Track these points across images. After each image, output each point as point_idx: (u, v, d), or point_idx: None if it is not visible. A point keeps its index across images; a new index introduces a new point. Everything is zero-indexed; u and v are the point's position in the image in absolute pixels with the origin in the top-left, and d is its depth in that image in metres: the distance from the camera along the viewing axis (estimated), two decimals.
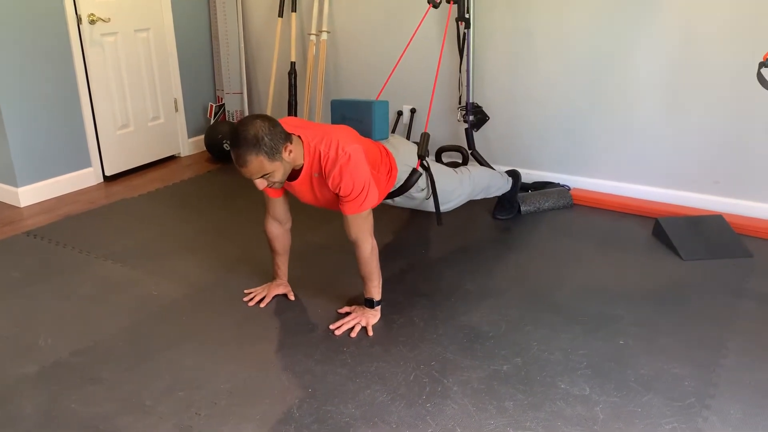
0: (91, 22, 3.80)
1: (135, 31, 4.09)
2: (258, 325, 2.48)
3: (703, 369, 2.16)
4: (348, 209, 2.29)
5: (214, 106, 4.64)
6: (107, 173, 4.11)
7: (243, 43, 4.58)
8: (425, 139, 2.77)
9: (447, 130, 3.93)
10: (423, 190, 2.79)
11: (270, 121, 2.13)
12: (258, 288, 2.68)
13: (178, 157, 4.60)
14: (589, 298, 2.61)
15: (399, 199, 2.77)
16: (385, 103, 2.71)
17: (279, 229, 2.56)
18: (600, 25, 3.34)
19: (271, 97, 4.43)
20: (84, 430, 1.92)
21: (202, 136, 4.57)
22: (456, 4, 3.39)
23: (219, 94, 4.74)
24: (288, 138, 2.17)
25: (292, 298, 2.64)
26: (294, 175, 2.30)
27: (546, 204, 3.50)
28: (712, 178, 3.30)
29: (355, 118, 2.65)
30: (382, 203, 2.44)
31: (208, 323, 2.48)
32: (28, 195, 3.72)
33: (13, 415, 1.99)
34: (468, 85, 3.62)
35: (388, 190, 2.65)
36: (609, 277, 2.80)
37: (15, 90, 3.55)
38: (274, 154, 2.10)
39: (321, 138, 2.25)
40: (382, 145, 2.63)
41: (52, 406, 2.02)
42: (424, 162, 2.74)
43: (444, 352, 2.27)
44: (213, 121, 4.62)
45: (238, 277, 2.82)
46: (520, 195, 3.46)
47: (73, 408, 2.01)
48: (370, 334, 2.38)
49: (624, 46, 3.31)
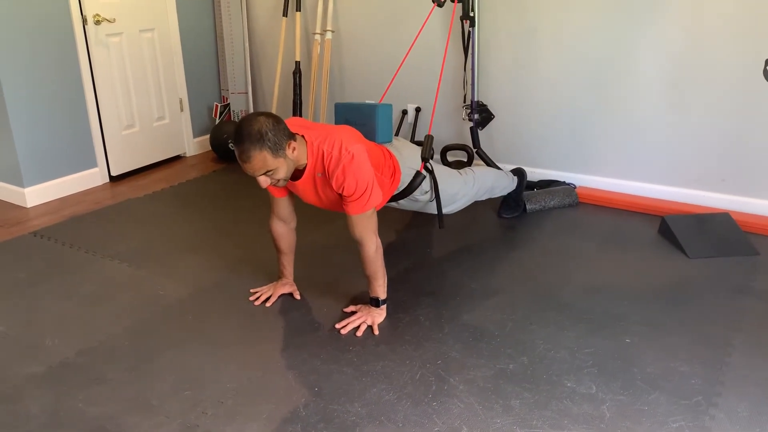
0: (97, 23, 3.81)
1: (140, 31, 4.09)
2: (264, 324, 2.48)
3: (709, 367, 2.15)
4: (352, 209, 2.28)
5: (219, 105, 4.64)
6: (113, 173, 4.12)
7: (248, 42, 4.58)
8: (429, 141, 2.77)
9: (452, 129, 3.93)
10: (426, 193, 2.78)
11: (274, 117, 2.13)
12: (264, 287, 2.68)
13: (184, 157, 4.61)
14: (594, 297, 2.61)
15: (403, 201, 2.77)
16: (388, 107, 2.70)
17: (284, 229, 2.56)
18: (604, 24, 3.33)
19: (276, 97, 4.43)
20: (90, 430, 1.92)
21: (208, 136, 4.58)
22: (460, 3, 3.39)
23: (224, 93, 4.75)
24: (292, 136, 2.17)
25: (298, 297, 2.64)
26: (297, 174, 2.30)
27: (551, 202, 3.49)
28: (719, 175, 3.29)
29: (359, 122, 2.64)
30: (385, 206, 2.43)
31: (214, 323, 2.49)
32: (34, 195, 3.73)
33: (20, 414, 1.99)
34: (473, 84, 3.61)
35: (391, 192, 2.65)
36: (615, 275, 2.79)
37: (21, 91, 3.56)
38: (277, 150, 2.11)
39: (324, 138, 2.25)
40: (386, 148, 2.62)
41: (58, 406, 2.03)
42: (428, 165, 2.74)
43: (450, 350, 2.27)
44: (218, 121, 4.63)
45: (243, 277, 2.82)
46: (526, 193, 3.45)
47: (79, 408, 2.02)
48: (376, 333, 2.38)
49: (628, 43, 3.30)
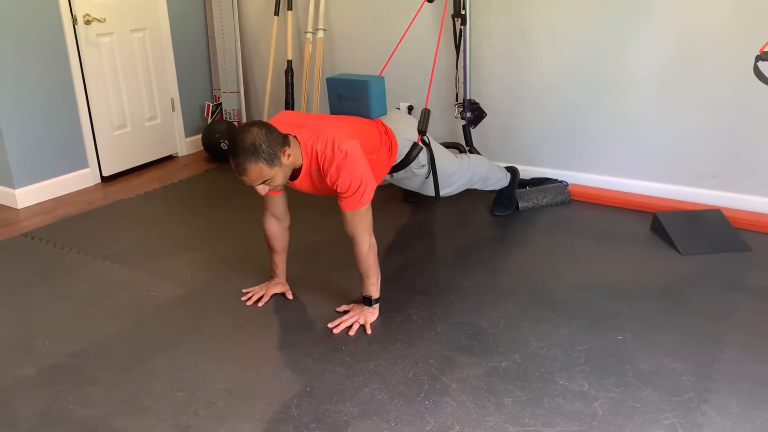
0: (87, 23, 3.80)
1: (131, 31, 4.08)
2: (256, 324, 2.48)
3: (701, 363, 2.16)
4: (345, 205, 2.29)
5: (211, 105, 4.63)
6: (105, 174, 4.10)
7: (239, 41, 4.57)
8: (426, 114, 2.77)
9: (444, 127, 3.92)
10: (423, 166, 2.79)
11: (266, 127, 2.13)
12: (256, 287, 2.67)
13: (176, 156, 4.59)
14: (587, 294, 2.61)
15: (400, 174, 2.77)
16: (380, 80, 2.66)
17: (278, 227, 2.56)
18: (596, 21, 3.33)
19: (268, 96, 4.42)
20: (82, 431, 1.92)
21: (200, 136, 4.57)
22: None
23: (216, 93, 4.73)
24: (285, 141, 2.17)
25: (290, 297, 2.64)
26: (294, 174, 2.31)
27: (544, 200, 3.50)
28: (710, 172, 3.30)
29: (352, 97, 2.63)
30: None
31: (206, 323, 2.48)
32: (26, 196, 3.71)
33: (11, 416, 1.98)
34: (465, 82, 3.61)
35: (389, 166, 2.66)
36: (607, 272, 2.79)
37: (11, 91, 3.54)
38: (272, 160, 2.11)
39: (317, 137, 2.25)
40: (381, 122, 2.62)
41: (50, 408, 2.02)
42: (425, 138, 2.75)
43: (442, 349, 2.27)
44: (210, 121, 4.61)
45: (235, 277, 2.81)
46: (518, 191, 3.46)
47: (71, 409, 2.01)
48: (369, 332, 2.37)
49: (621, 40, 3.30)
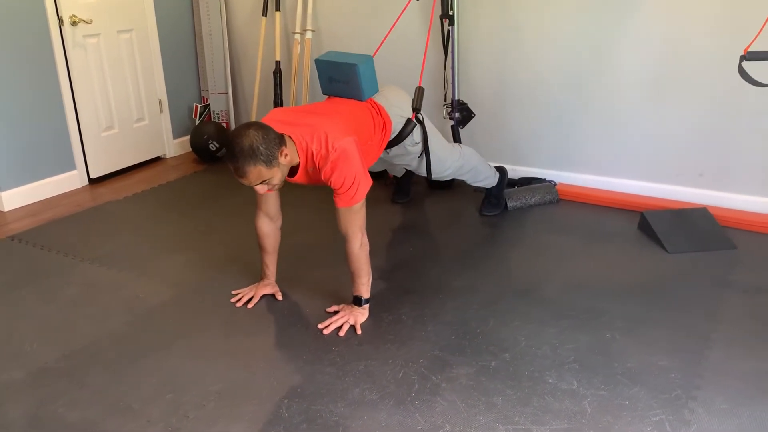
0: (73, 24, 3.77)
1: (118, 32, 4.06)
2: (246, 325, 2.47)
3: (689, 361, 2.18)
4: (339, 202, 2.31)
5: (200, 106, 4.62)
6: (92, 176, 4.08)
7: (227, 42, 4.56)
8: (420, 92, 2.78)
9: None
10: (417, 143, 2.82)
11: (263, 128, 2.13)
12: (245, 288, 2.67)
13: (164, 158, 4.58)
14: (576, 293, 2.63)
15: (394, 151, 2.79)
16: (369, 61, 2.63)
17: (270, 226, 2.55)
18: (584, 21, 3.36)
19: (257, 97, 4.41)
20: None
21: (188, 137, 4.55)
22: None
23: (204, 94, 4.72)
24: (282, 141, 2.18)
25: (280, 298, 2.63)
26: (292, 171, 2.32)
27: (532, 199, 3.52)
28: (696, 171, 3.32)
29: (342, 80, 2.63)
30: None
31: (196, 325, 2.47)
32: (12, 199, 3.68)
33: (0, 421, 1.97)
34: (453, 83, 3.62)
35: (383, 146, 2.69)
36: (596, 271, 2.81)
37: None
38: (271, 161, 2.12)
39: (311, 135, 2.26)
40: (373, 102, 2.64)
41: (38, 412, 2.01)
42: (419, 116, 2.76)
43: (432, 349, 2.28)
44: (198, 122, 4.60)
45: (225, 278, 2.81)
46: (507, 191, 3.47)
47: (60, 413, 2.00)
48: (359, 332, 2.38)
49: (608, 41, 3.33)
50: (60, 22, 3.73)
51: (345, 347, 2.30)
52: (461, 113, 3.65)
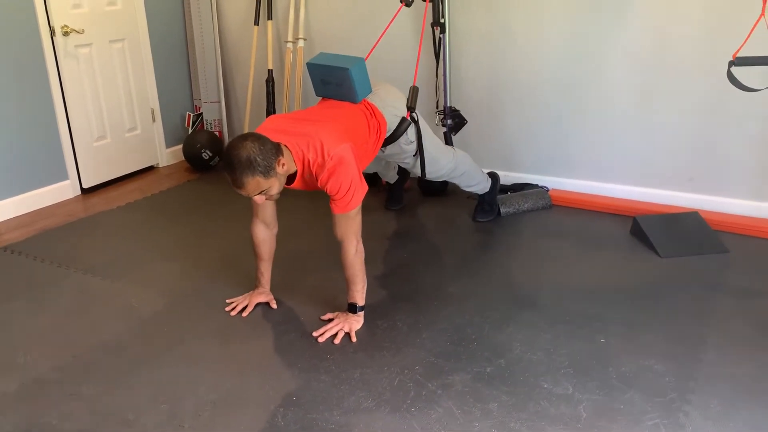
0: (65, 34, 3.77)
1: (110, 41, 4.06)
2: (240, 334, 2.47)
3: (683, 364, 2.19)
4: (335, 208, 2.33)
5: (192, 115, 4.62)
6: (85, 186, 4.07)
7: (219, 51, 4.56)
8: (414, 92, 2.79)
9: None
10: (412, 142, 2.83)
11: (260, 139, 2.14)
12: (240, 297, 2.67)
13: (157, 167, 4.57)
14: (569, 298, 2.64)
15: (389, 150, 2.80)
16: (361, 64, 2.64)
17: (266, 233, 2.56)
18: (574, 29, 3.38)
19: (249, 105, 4.41)
20: None
21: (181, 146, 4.55)
22: (431, 3, 3.40)
23: (196, 103, 4.72)
24: (279, 151, 2.19)
25: (275, 306, 2.63)
26: (289, 179, 2.33)
27: (525, 205, 3.53)
28: (687, 175, 3.35)
29: (335, 83, 2.64)
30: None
31: (190, 334, 2.47)
32: (4, 209, 3.66)
33: None
34: (445, 89, 3.64)
35: (378, 147, 2.70)
36: (589, 276, 2.82)
37: None
38: (268, 171, 2.13)
39: (307, 144, 2.27)
40: (367, 103, 2.64)
41: (32, 424, 1.99)
42: (414, 115, 2.78)
43: (428, 355, 2.28)
44: (191, 131, 4.60)
45: (219, 287, 2.80)
46: (500, 197, 3.48)
47: (53, 424, 1.99)
48: (354, 340, 2.38)
49: (598, 48, 3.35)
50: (52, 33, 3.73)
51: (340, 355, 2.30)
52: (454, 120, 3.67)
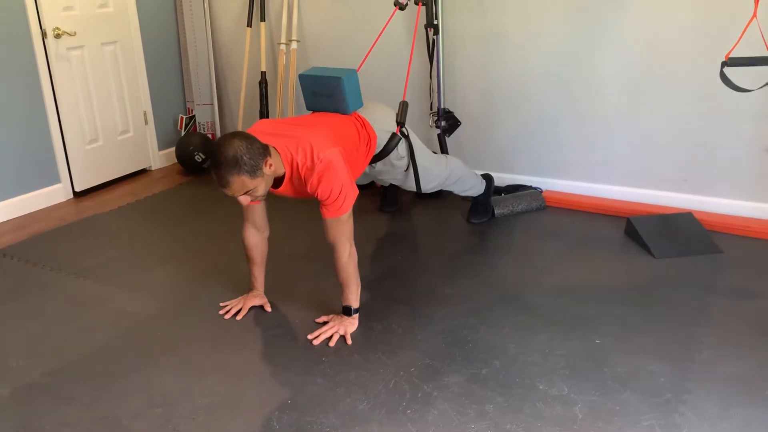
0: (57, 37, 3.75)
1: (102, 44, 4.04)
2: (235, 337, 2.46)
3: (678, 365, 2.19)
4: (326, 213, 2.31)
5: (185, 117, 4.60)
6: (77, 189, 4.04)
7: (212, 53, 4.55)
8: (404, 107, 2.79)
9: (419, 136, 3.89)
10: (403, 158, 2.82)
11: (247, 139, 2.13)
12: (234, 300, 2.65)
13: (150, 170, 4.55)
14: (564, 299, 2.64)
15: (379, 167, 2.79)
16: (353, 75, 2.65)
17: (257, 237, 2.55)
18: (567, 30, 3.38)
19: (242, 108, 4.40)
20: None
21: (173, 149, 4.53)
22: (425, 6, 3.40)
23: (189, 105, 4.70)
24: (267, 152, 2.17)
25: (269, 309, 2.62)
26: (277, 182, 2.31)
27: (519, 207, 3.53)
28: (681, 176, 3.36)
29: (326, 93, 2.63)
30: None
31: (184, 338, 2.45)
32: None
33: None
34: (439, 91, 3.64)
35: (368, 160, 2.69)
36: (583, 277, 2.82)
37: None
38: (255, 171, 2.11)
39: (296, 147, 2.25)
40: (358, 116, 2.64)
41: (25, 429, 1.97)
42: (403, 129, 2.78)
43: (423, 357, 2.27)
44: (184, 133, 4.58)
45: (213, 290, 2.79)
46: (494, 198, 3.49)
47: (47, 429, 1.97)
48: (349, 342, 2.37)
49: (592, 49, 3.36)
50: (43, 35, 3.71)
51: (335, 358, 2.29)
52: (447, 122, 3.67)
